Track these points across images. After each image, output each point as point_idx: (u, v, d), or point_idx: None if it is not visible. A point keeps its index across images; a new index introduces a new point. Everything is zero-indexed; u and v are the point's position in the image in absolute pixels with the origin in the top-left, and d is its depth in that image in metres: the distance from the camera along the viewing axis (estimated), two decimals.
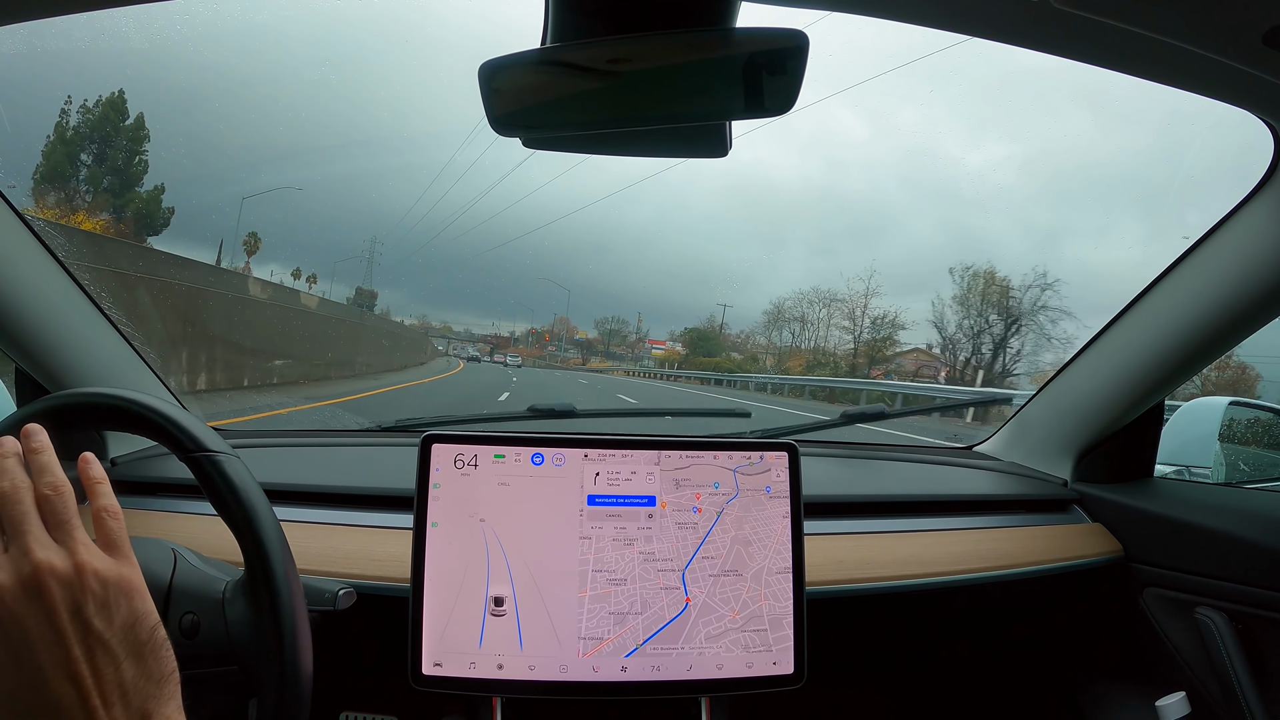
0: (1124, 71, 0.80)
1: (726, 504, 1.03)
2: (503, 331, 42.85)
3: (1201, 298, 1.18)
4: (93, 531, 0.57)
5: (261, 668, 0.72)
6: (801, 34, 0.72)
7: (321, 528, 1.14)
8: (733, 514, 1.03)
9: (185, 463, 0.73)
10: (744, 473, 1.04)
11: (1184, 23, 0.69)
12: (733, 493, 1.03)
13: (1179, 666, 1.30)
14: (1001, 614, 1.35)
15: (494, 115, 0.77)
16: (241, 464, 0.75)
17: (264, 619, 0.72)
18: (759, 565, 1.02)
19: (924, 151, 59.71)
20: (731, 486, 1.03)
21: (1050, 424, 1.53)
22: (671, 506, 1.02)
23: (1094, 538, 1.39)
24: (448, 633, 0.95)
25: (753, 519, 1.03)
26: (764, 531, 1.03)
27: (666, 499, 1.02)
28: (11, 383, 1.25)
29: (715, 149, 0.88)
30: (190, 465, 0.73)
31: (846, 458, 1.63)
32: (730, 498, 1.03)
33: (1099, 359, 1.40)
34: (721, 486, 1.03)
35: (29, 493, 0.54)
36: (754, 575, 1.02)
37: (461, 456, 0.99)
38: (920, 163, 61.02)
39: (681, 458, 1.03)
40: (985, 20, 0.76)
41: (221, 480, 0.73)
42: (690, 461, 1.03)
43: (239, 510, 0.72)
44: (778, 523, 1.03)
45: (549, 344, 44.53)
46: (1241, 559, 1.21)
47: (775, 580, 1.02)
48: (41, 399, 0.77)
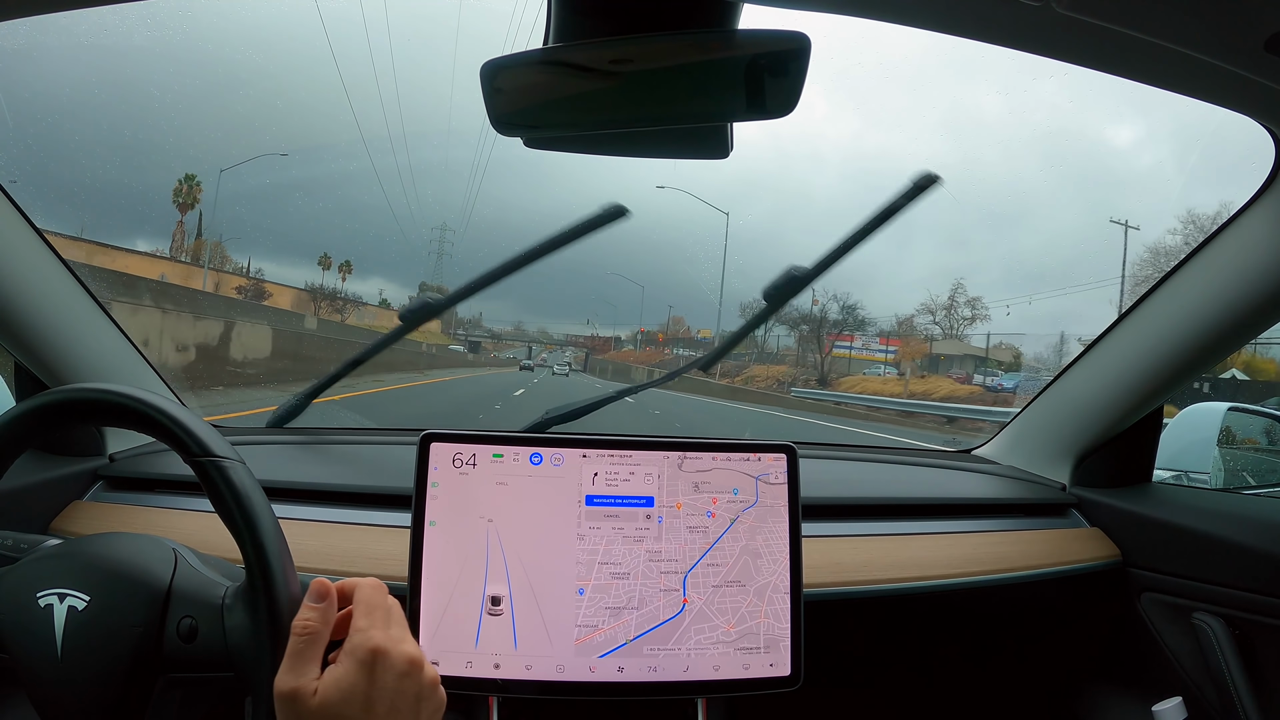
0: (1126, 76, 0.80)
1: (742, 511, 1.02)
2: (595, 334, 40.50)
3: (1201, 303, 1.18)
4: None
5: (258, 677, 0.71)
6: (804, 36, 0.72)
7: (319, 525, 1.14)
8: (747, 523, 1.02)
9: (190, 466, 0.73)
10: (767, 481, 1.03)
11: (1186, 28, 0.69)
12: (751, 500, 1.02)
13: (1176, 671, 1.30)
14: (999, 618, 1.35)
15: (495, 115, 0.78)
16: (247, 471, 0.74)
17: (262, 630, 0.71)
18: (765, 580, 1.01)
19: (1064, 133, 57.24)
20: (751, 494, 1.02)
21: (1049, 428, 1.53)
22: (686, 509, 1.01)
23: (1092, 542, 1.39)
24: (444, 632, 0.95)
25: (767, 530, 1.02)
26: (776, 546, 1.02)
27: (683, 500, 1.01)
28: (10, 378, 1.26)
29: (716, 150, 0.88)
30: (195, 469, 0.73)
31: (845, 460, 1.63)
32: (748, 505, 1.02)
33: (1098, 363, 1.40)
34: (741, 493, 1.02)
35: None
36: (758, 590, 1.01)
37: (460, 455, 0.98)
38: (1060, 144, 58.94)
39: (704, 459, 1.02)
40: (987, 24, 0.76)
41: (226, 487, 0.72)
42: (713, 465, 1.02)
43: (242, 519, 0.72)
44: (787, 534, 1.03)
45: (663, 345, 39.99)
46: (1239, 564, 1.21)
47: (779, 599, 1.01)
48: (49, 392, 0.77)
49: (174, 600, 0.75)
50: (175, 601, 0.75)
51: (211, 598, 0.76)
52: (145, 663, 0.73)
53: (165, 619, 0.74)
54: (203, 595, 0.76)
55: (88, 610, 0.73)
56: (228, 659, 0.73)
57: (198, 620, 0.74)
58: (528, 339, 36.90)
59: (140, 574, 0.76)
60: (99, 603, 0.74)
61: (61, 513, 1.17)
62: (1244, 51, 0.71)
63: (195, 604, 0.75)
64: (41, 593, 0.74)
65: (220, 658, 0.73)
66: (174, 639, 0.74)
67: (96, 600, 0.74)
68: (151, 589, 0.75)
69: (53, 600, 0.74)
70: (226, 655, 0.73)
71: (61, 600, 0.73)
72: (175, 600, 0.75)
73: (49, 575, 0.75)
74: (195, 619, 0.74)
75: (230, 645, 0.73)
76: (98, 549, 0.78)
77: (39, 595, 0.74)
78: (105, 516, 1.17)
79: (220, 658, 0.73)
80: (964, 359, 27.80)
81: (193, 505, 1.16)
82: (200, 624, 0.74)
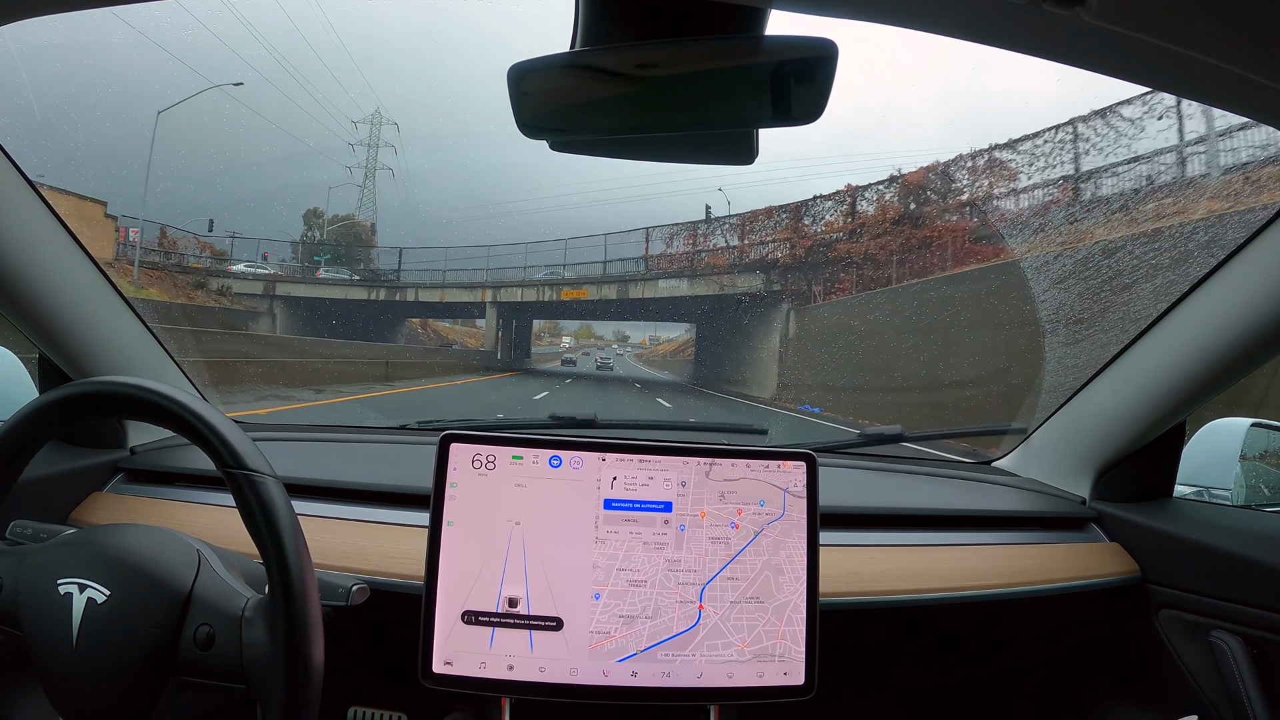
0: (1157, 88, 0.80)
1: (767, 525, 1.01)
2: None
3: (1229, 315, 1.16)
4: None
5: (269, 696, 0.72)
6: (831, 43, 0.72)
7: (338, 523, 1.15)
8: (771, 537, 1.01)
9: (224, 476, 0.74)
10: (794, 494, 1.02)
11: (1220, 40, 0.68)
12: (778, 514, 1.01)
13: (1192, 690, 1.28)
14: (1015, 631, 1.34)
15: (522, 118, 0.78)
16: (279, 487, 0.75)
17: (279, 649, 0.72)
18: (785, 598, 1.00)
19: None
20: (778, 507, 1.02)
21: (1070, 441, 1.52)
22: (710, 519, 1.00)
23: (1111, 557, 1.37)
24: (459, 632, 0.96)
25: (791, 546, 1.01)
26: (799, 562, 1.01)
27: (707, 509, 1.00)
28: (34, 369, 1.27)
29: (742, 156, 0.88)
30: (228, 479, 0.74)
31: (864, 469, 1.62)
32: (773, 519, 1.01)
33: (1121, 376, 1.38)
34: (768, 505, 1.02)
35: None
36: (777, 608, 1.00)
37: (479, 456, 0.99)
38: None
39: (727, 467, 1.02)
40: (1015, 33, 0.75)
41: (257, 502, 0.74)
42: (742, 474, 1.02)
43: (270, 535, 0.73)
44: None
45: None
46: (1259, 583, 1.19)
47: (798, 619, 1.00)
48: (88, 381, 0.79)
49: (194, 606, 0.76)
50: (195, 607, 0.76)
51: (232, 608, 0.76)
52: (159, 663, 0.74)
53: (183, 623, 0.75)
54: (223, 605, 0.76)
55: (107, 604, 0.74)
56: (241, 672, 0.74)
57: (216, 629, 0.75)
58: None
59: (163, 574, 0.77)
60: (119, 598, 0.74)
61: (82, 503, 1.18)
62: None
63: (215, 612, 0.76)
64: (62, 580, 0.75)
65: (234, 669, 0.74)
66: (190, 644, 0.74)
67: (117, 595, 0.74)
68: (173, 591, 0.76)
69: (73, 589, 0.74)
70: (241, 668, 0.74)
71: (82, 590, 0.74)
72: (195, 606, 0.76)
73: (71, 563, 0.76)
74: (213, 627, 0.75)
75: (245, 660, 0.73)
76: (122, 542, 0.78)
77: (59, 582, 0.75)
78: (125, 508, 1.18)
79: (234, 669, 0.74)
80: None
81: (213, 500, 1.17)
82: (218, 633, 0.75)
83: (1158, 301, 1.29)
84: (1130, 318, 1.40)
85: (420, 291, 27.28)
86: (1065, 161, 13.89)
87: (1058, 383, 1.77)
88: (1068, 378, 1.61)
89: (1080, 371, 1.45)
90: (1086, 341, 2.44)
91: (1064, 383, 1.59)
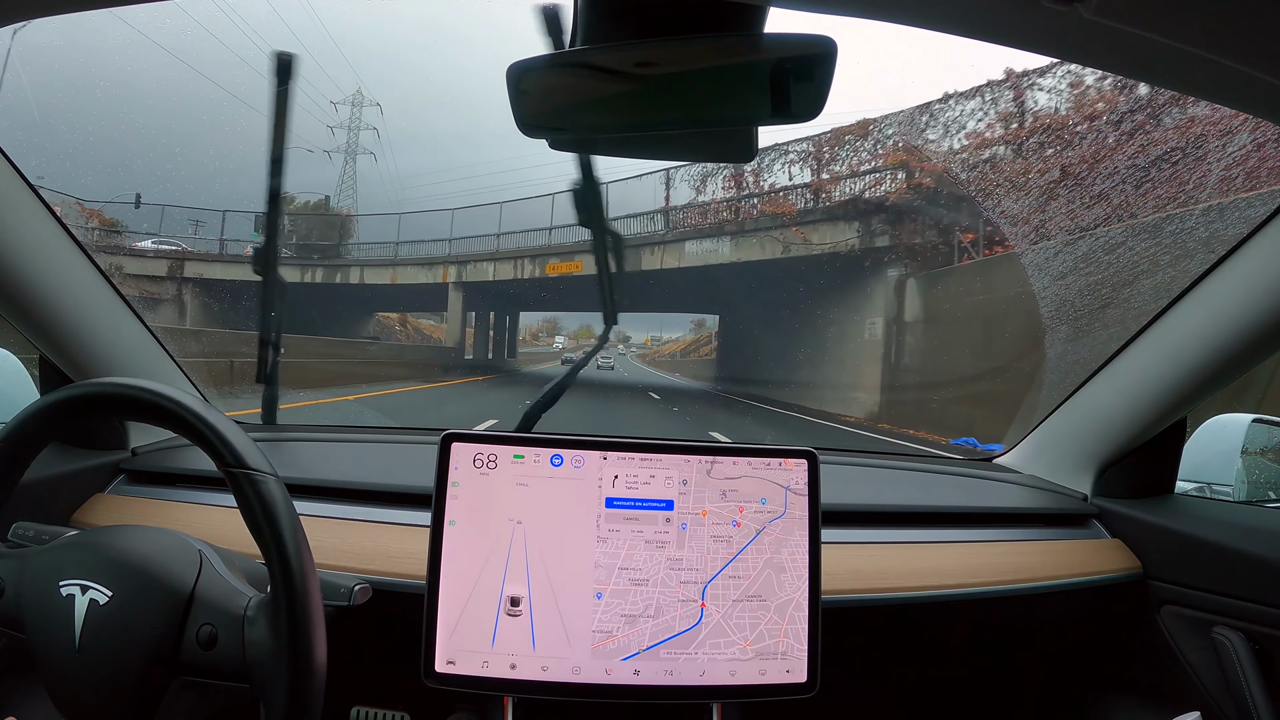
0: (1156, 84, 0.79)
1: (769, 523, 1.01)
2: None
3: (1231, 310, 1.16)
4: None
5: (272, 694, 0.72)
6: (830, 41, 0.72)
7: (340, 523, 1.15)
8: (773, 535, 1.01)
9: (224, 475, 0.75)
10: (796, 492, 1.02)
11: (1220, 36, 0.68)
12: (779, 512, 1.01)
13: (1194, 686, 1.28)
14: (1017, 628, 1.34)
15: (521, 116, 0.78)
16: (280, 486, 0.76)
17: (282, 647, 0.72)
18: (787, 596, 1.00)
19: None
20: (780, 505, 1.02)
21: (1072, 437, 1.52)
22: (712, 517, 1.00)
23: (1113, 554, 1.37)
24: (461, 631, 0.96)
25: (793, 544, 1.01)
26: (801, 561, 1.01)
27: (709, 507, 1.00)
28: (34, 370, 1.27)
29: (741, 153, 0.88)
30: (229, 479, 0.75)
31: (866, 467, 1.62)
32: (775, 517, 1.01)
33: (1123, 372, 1.38)
34: (770, 503, 1.02)
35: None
36: (779, 606, 1.00)
37: (480, 456, 0.99)
38: None
39: (728, 465, 1.02)
40: (1014, 29, 0.75)
41: (258, 501, 0.74)
42: (743, 472, 1.02)
43: (271, 534, 0.73)
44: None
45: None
46: (1261, 579, 1.19)
47: (800, 618, 1.00)
48: (89, 382, 0.79)
49: (196, 605, 0.76)
50: (197, 607, 0.76)
51: (234, 608, 0.76)
52: (162, 663, 0.74)
53: (186, 623, 0.75)
54: (225, 604, 0.77)
55: (109, 605, 0.74)
56: (244, 671, 0.74)
57: (218, 629, 0.75)
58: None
59: (164, 574, 0.77)
60: (121, 599, 0.74)
61: (83, 505, 1.19)
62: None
63: (217, 612, 0.76)
64: (64, 582, 0.75)
65: (237, 669, 0.74)
66: (193, 644, 0.75)
67: (119, 596, 0.74)
68: (175, 591, 0.76)
69: (75, 591, 0.75)
70: (244, 667, 0.74)
71: (84, 592, 0.74)
72: (197, 606, 0.76)
73: (73, 565, 0.76)
74: (216, 627, 0.75)
75: (248, 659, 0.74)
76: (124, 543, 0.78)
77: (61, 584, 0.75)
78: (127, 510, 1.18)
79: (237, 669, 0.74)
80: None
81: (214, 500, 1.17)
82: (220, 633, 0.75)
83: (1158, 297, 1.28)
84: None
85: (366, 271, 22.01)
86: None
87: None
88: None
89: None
90: None
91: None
